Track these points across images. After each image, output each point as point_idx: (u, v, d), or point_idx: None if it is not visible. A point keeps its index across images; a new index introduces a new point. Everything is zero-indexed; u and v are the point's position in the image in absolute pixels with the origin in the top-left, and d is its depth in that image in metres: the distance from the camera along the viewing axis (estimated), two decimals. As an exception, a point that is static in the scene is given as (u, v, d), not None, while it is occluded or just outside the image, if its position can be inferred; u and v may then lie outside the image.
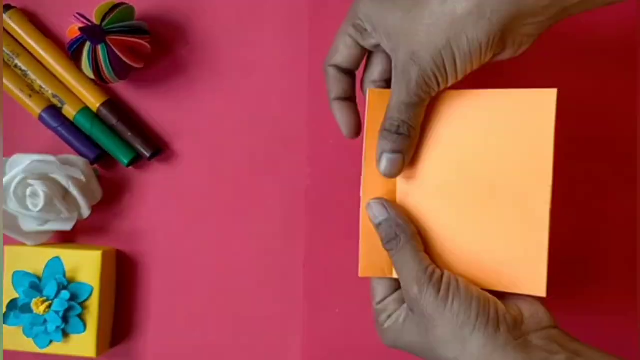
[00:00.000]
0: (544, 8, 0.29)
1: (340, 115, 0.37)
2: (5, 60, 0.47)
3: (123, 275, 0.48)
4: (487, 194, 0.34)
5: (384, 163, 0.33)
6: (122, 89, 0.49)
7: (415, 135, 0.33)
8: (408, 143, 0.33)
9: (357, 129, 0.37)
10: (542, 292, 0.33)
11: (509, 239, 0.33)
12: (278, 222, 0.47)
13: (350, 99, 0.37)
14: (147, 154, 0.47)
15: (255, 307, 0.47)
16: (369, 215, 0.34)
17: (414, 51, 0.30)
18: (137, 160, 0.48)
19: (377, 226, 0.33)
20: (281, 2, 0.47)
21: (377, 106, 0.34)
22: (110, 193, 0.48)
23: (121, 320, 0.48)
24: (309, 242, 0.46)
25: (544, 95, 0.33)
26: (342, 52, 0.35)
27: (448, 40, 0.30)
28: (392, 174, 0.33)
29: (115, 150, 0.47)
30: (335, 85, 0.36)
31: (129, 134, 0.47)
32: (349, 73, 0.37)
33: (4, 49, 0.47)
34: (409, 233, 0.32)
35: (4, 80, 0.47)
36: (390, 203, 0.34)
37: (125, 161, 0.47)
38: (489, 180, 0.34)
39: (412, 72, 0.31)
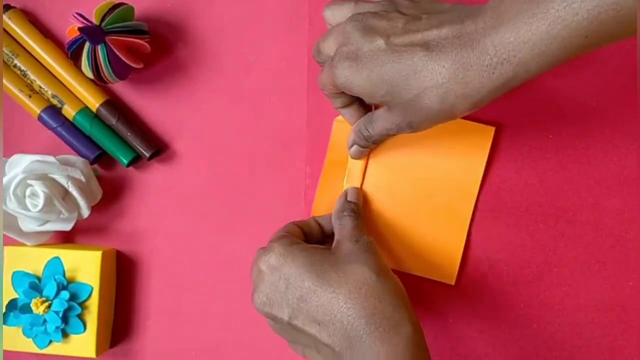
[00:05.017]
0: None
1: (352, 119, 0.40)
2: (5, 60, 0.47)
3: (123, 275, 0.48)
4: (425, 198, 0.43)
5: (353, 150, 0.41)
6: (122, 89, 0.48)
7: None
8: (372, 146, 0.41)
9: None
10: (451, 281, 0.43)
11: (436, 235, 0.43)
12: (278, 222, 0.47)
13: (352, 103, 0.39)
14: (147, 154, 0.47)
15: (255, 308, 0.47)
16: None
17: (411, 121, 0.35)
18: (136, 160, 0.48)
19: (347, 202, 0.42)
20: (281, 2, 0.47)
21: (340, 136, 0.43)
22: (110, 193, 0.48)
23: (121, 320, 0.48)
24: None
25: (484, 130, 0.42)
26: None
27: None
28: (358, 158, 0.43)
29: (114, 150, 0.47)
30: (336, 99, 0.39)
31: (129, 134, 0.47)
32: None
33: (3, 49, 0.47)
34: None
35: (4, 80, 0.47)
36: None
37: (125, 161, 0.47)
38: (430, 188, 0.43)
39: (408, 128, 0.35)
